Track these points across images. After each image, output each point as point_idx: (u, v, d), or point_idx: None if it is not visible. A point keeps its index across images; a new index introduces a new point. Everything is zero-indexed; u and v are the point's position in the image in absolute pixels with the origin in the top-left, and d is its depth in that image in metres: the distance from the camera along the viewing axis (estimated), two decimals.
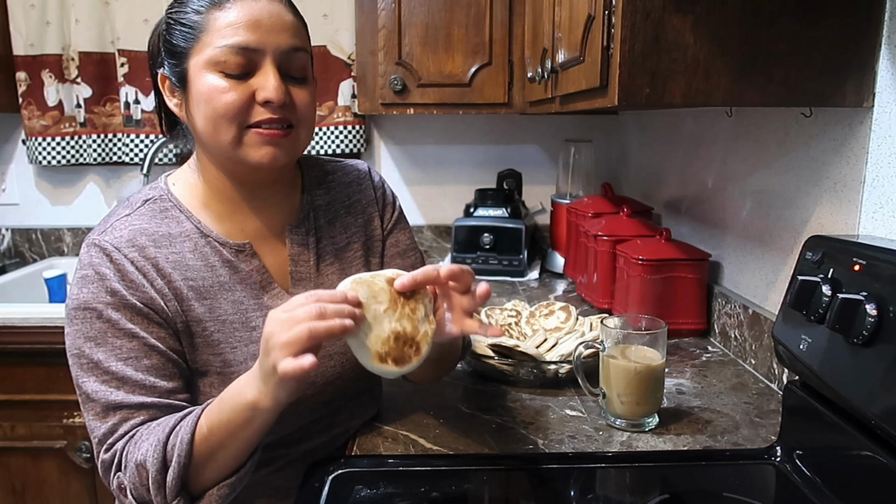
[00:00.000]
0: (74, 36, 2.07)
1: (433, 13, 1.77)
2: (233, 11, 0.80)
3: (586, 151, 2.03)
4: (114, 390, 0.78)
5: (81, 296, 0.81)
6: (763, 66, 0.87)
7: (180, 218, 0.88)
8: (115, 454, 0.77)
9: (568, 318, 1.29)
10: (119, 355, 0.79)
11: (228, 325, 0.86)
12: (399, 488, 0.85)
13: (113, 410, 0.78)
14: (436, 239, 2.25)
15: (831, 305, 0.74)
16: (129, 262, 0.82)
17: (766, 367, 1.16)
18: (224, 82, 0.81)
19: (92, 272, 0.81)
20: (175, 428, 0.75)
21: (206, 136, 0.84)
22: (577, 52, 1.06)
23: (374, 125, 2.23)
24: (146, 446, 0.75)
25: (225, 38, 0.80)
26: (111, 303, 0.80)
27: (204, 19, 0.81)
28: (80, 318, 0.81)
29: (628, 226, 1.53)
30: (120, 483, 0.77)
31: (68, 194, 2.27)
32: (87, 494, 1.73)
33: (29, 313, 1.66)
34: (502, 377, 1.15)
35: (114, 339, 0.79)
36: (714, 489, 0.87)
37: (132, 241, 0.83)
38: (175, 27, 0.83)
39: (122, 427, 0.78)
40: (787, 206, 1.12)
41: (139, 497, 0.76)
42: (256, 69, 0.82)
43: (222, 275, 0.87)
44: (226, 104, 0.80)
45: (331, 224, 0.98)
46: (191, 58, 0.82)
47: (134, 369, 0.79)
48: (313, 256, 0.94)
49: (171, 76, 0.85)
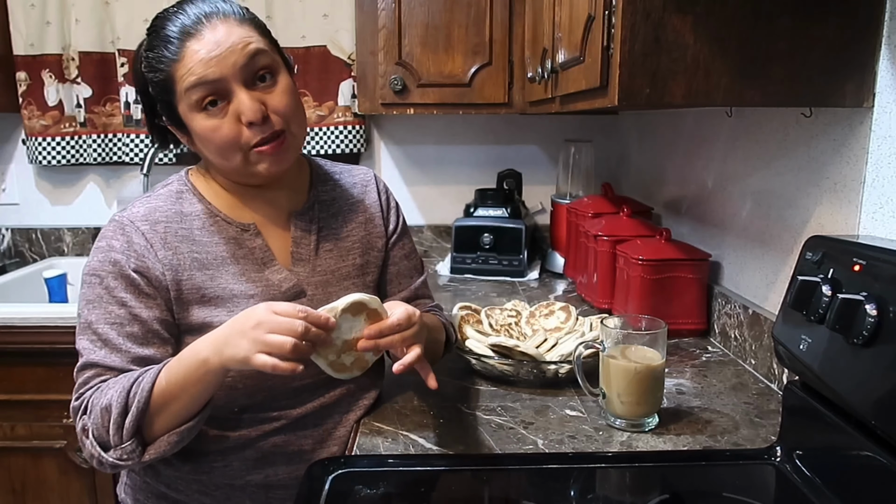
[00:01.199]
0: (74, 36, 2.07)
1: (433, 13, 1.77)
2: (186, 58, 0.88)
3: (586, 151, 2.03)
4: (97, 350, 0.89)
5: (91, 263, 0.92)
6: (763, 66, 0.87)
7: (193, 200, 0.98)
8: (83, 402, 0.88)
9: (568, 318, 1.29)
10: (108, 319, 0.89)
11: (228, 292, 0.95)
12: (399, 488, 0.85)
13: (91, 367, 0.89)
14: (436, 239, 2.25)
15: (831, 305, 0.74)
16: (140, 234, 0.92)
17: (766, 367, 1.16)
18: (212, 120, 0.90)
19: (104, 244, 0.92)
20: (139, 378, 0.85)
21: (218, 163, 0.95)
22: (577, 52, 1.06)
23: (374, 125, 2.23)
24: (111, 392, 0.85)
25: (187, 83, 0.88)
26: (111, 272, 0.90)
27: (170, 70, 0.89)
28: (87, 283, 0.92)
29: (628, 226, 1.53)
30: (84, 425, 0.87)
31: (68, 194, 2.27)
32: (87, 494, 1.73)
33: (29, 313, 1.66)
34: (502, 377, 1.15)
35: (107, 305, 0.90)
36: (714, 489, 0.87)
37: (146, 217, 0.94)
38: (154, 85, 0.92)
39: (93, 381, 0.88)
40: (787, 206, 1.12)
41: (99, 437, 0.86)
42: (229, 93, 0.89)
43: (226, 250, 0.96)
44: (223, 138, 0.90)
45: (333, 217, 1.06)
46: (178, 106, 0.92)
47: (117, 333, 0.89)
48: (314, 241, 1.03)
49: (173, 124, 0.96)
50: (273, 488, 0.99)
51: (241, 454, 0.97)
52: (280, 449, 0.98)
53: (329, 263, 1.03)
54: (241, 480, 0.98)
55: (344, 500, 0.82)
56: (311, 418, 1.00)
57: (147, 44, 0.93)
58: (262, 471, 0.98)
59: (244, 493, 0.98)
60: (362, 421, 1.02)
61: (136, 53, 0.96)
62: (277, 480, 0.98)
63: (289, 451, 0.99)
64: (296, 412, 0.99)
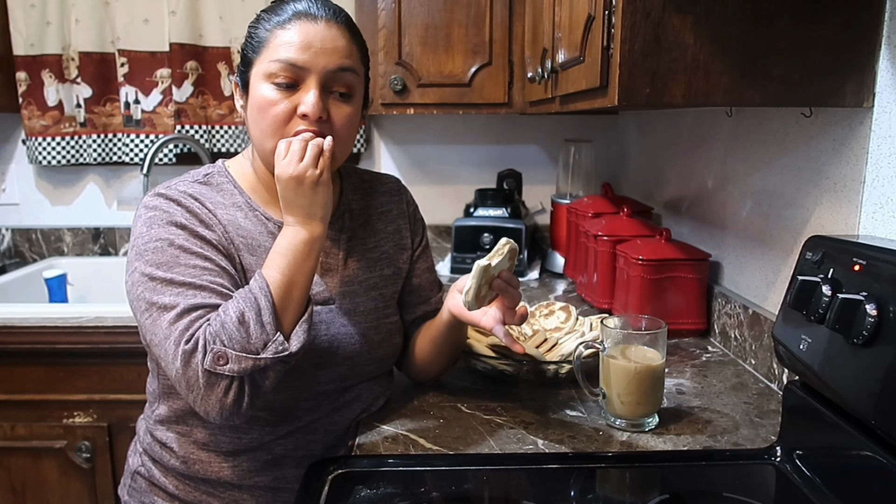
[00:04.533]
0: (74, 36, 2.07)
1: (433, 13, 1.77)
2: (291, 32, 0.91)
3: (586, 151, 2.03)
4: (191, 296, 0.84)
5: (151, 232, 0.89)
6: (763, 66, 0.87)
7: (233, 192, 0.98)
8: (197, 340, 0.81)
9: (568, 318, 1.29)
10: (193, 273, 0.86)
11: None
12: (399, 488, 0.85)
13: (191, 311, 0.83)
14: (436, 239, 2.25)
15: (831, 305, 0.74)
16: (195, 203, 0.93)
17: (766, 367, 1.16)
18: (275, 94, 0.91)
19: (159, 213, 0.90)
20: (245, 289, 0.84)
21: (255, 139, 0.95)
22: (577, 52, 1.06)
23: (374, 125, 2.23)
24: (230, 310, 0.82)
25: (278, 54, 0.90)
26: (182, 234, 0.89)
27: (269, 35, 0.92)
28: (152, 250, 0.88)
29: (628, 226, 1.53)
30: (215, 354, 0.80)
31: (68, 194, 2.27)
32: (87, 494, 1.73)
33: (29, 313, 1.66)
34: (502, 377, 1.15)
35: (187, 260, 0.87)
36: (714, 489, 0.87)
37: (192, 195, 0.94)
38: (250, 39, 0.95)
39: (199, 322, 0.83)
40: (787, 206, 1.12)
41: (242, 348, 0.81)
42: (301, 84, 0.91)
43: (269, 241, 0.95)
44: (275, 116, 0.91)
45: (363, 227, 1.07)
46: (254, 67, 0.93)
47: (209, 282, 0.86)
48: (343, 252, 1.03)
49: (240, 81, 0.97)
50: (280, 491, 0.98)
51: (251, 455, 0.97)
52: (290, 452, 0.98)
53: (357, 274, 1.03)
54: (249, 482, 0.97)
55: (344, 500, 0.82)
56: (322, 423, 1.00)
57: (271, 4, 0.96)
58: (270, 473, 0.97)
59: (252, 495, 0.98)
60: (362, 421, 1.02)
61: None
62: (286, 483, 0.98)
63: (298, 454, 0.98)
64: (310, 416, 0.99)
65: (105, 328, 1.59)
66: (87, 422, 1.68)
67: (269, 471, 0.97)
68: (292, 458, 0.98)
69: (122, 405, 1.66)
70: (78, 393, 1.66)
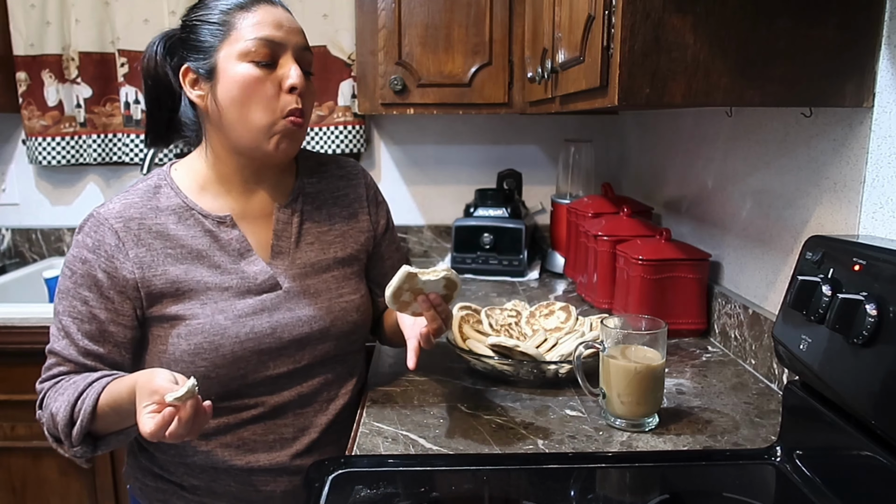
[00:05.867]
0: (74, 36, 2.07)
1: (433, 13, 1.77)
2: (258, 13, 0.95)
3: (586, 151, 2.03)
4: (59, 339, 0.96)
5: (69, 255, 0.97)
6: (763, 66, 0.87)
7: (170, 194, 1.01)
8: (42, 391, 0.96)
9: (568, 318, 1.29)
10: (70, 313, 0.95)
11: (201, 284, 0.97)
12: (399, 488, 0.85)
13: (52, 354, 0.96)
14: (436, 239, 2.25)
15: (831, 305, 0.74)
16: (113, 232, 0.95)
17: (766, 367, 1.16)
18: (256, 71, 0.94)
19: (81, 239, 0.97)
20: (83, 394, 0.90)
21: (236, 119, 0.96)
22: (577, 52, 1.06)
23: (374, 125, 2.23)
24: (60, 402, 0.91)
25: (254, 32, 0.94)
26: (80, 269, 0.95)
27: (232, 18, 0.95)
28: (62, 274, 0.97)
29: (628, 226, 1.53)
30: (40, 417, 0.95)
31: (68, 194, 2.27)
32: (87, 494, 1.73)
33: (29, 313, 1.66)
34: (502, 377, 1.15)
35: (71, 299, 0.95)
36: (714, 489, 0.87)
37: (120, 214, 0.97)
38: (201, 27, 0.96)
39: (53, 370, 0.96)
40: (787, 206, 1.12)
41: (51, 434, 0.94)
42: (279, 60, 0.96)
43: (202, 242, 0.99)
44: (262, 92, 0.94)
45: (318, 210, 1.09)
46: (220, 51, 0.95)
47: (76, 329, 0.95)
48: (295, 234, 1.06)
49: (198, 69, 0.97)
50: (255, 472, 1.02)
51: (221, 440, 1.01)
52: (260, 437, 1.02)
53: (309, 256, 1.06)
54: (223, 465, 1.01)
55: (344, 500, 0.82)
56: (290, 406, 1.03)
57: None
58: (243, 457, 1.01)
59: (228, 476, 1.02)
60: (362, 421, 1.02)
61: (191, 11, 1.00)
62: (259, 466, 1.02)
63: (269, 439, 1.02)
64: (273, 400, 1.02)
65: None
66: None
67: (242, 455, 1.01)
68: (263, 443, 1.02)
69: None
70: None
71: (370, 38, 1.82)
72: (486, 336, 1.19)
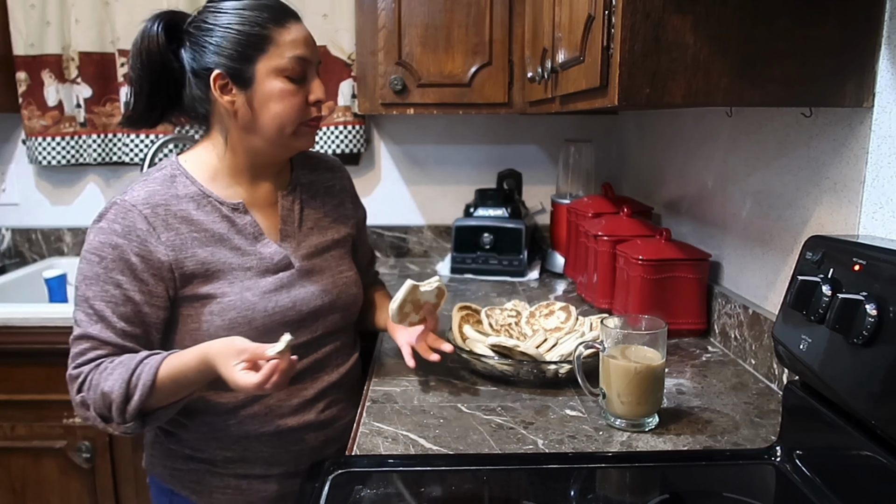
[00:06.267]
0: (74, 36, 2.07)
1: (433, 13, 1.77)
2: (292, 31, 1.04)
3: (586, 151, 2.03)
4: (93, 323, 0.98)
5: (92, 243, 1.00)
6: (763, 66, 0.87)
7: (186, 183, 1.06)
8: (81, 374, 0.98)
9: (568, 318, 1.29)
10: (104, 297, 0.98)
11: (227, 265, 1.05)
12: (399, 488, 0.85)
13: (86, 339, 0.98)
14: (436, 239, 2.25)
15: (831, 305, 0.74)
16: (143, 218, 1.00)
17: (766, 367, 1.16)
18: (291, 86, 1.04)
19: (105, 225, 1.00)
20: (136, 370, 0.95)
21: (266, 125, 1.05)
22: (577, 52, 1.06)
23: (374, 125, 2.23)
24: (112, 380, 0.94)
25: (291, 51, 1.03)
26: (111, 254, 0.98)
27: (271, 34, 1.02)
28: (86, 260, 0.99)
29: (628, 226, 1.53)
30: (84, 400, 0.97)
31: (68, 194, 2.27)
32: (87, 494, 1.73)
33: (29, 313, 1.66)
34: (502, 377, 1.15)
35: (103, 284, 0.98)
36: (714, 489, 0.87)
37: (147, 200, 1.02)
38: (234, 35, 1.02)
39: (89, 354, 0.98)
40: (787, 206, 1.12)
41: (100, 413, 0.97)
42: (307, 76, 1.06)
43: (222, 227, 1.06)
44: (294, 106, 1.05)
45: (312, 198, 1.20)
46: (258, 62, 1.02)
47: (111, 312, 0.98)
48: (298, 219, 1.15)
49: (233, 76, 1.03)
50: (284, 434, 1.10)
51: (250, 409, 1.07)
52: (285, 402, 1.09)
53: (311, 239, 1.16)
54: (254, 432, 1.08)
55: (344, 500, 0.82)
56: (307, 373, 1.12)
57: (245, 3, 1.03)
58: (272, 423, 1.09)
59: (260, 442, 1.09)
60: (362, 421, 1.02)
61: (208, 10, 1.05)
62: (287, 428, 1.09)
63: (293, 403, 1.10)
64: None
65: None
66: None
67: (271, 421, 1.09)
68: (288, 407, 1.10)
69: None
70: None
71: (370, 38, 1.82)
72: (486, 336, 1.19)
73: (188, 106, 1.08)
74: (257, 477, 1.10)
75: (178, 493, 1.12)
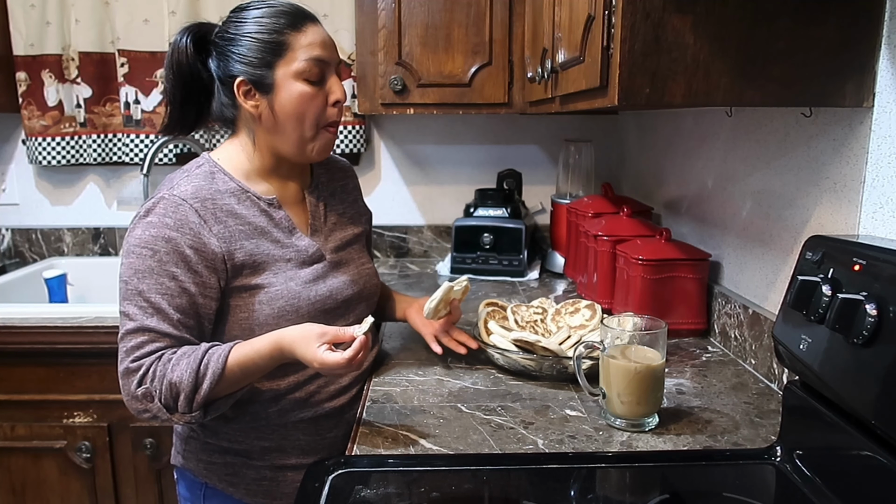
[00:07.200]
0: (74, 36, 2.07)
1: (433, 13, 1.77)
2: (309, 34, 1.06)
3: (586, 151, 2.03)
4: (149, 316, 0.98)
5: (143, 237, 1.00)
6: (763, 65, 0.87)
7: (225, 179, 1.09)
8: (142, 366, 0.97)
9: (593, 315, 1.29)
10: (159, 290, 0.99)
11: (271, 256, 1.08)
12: (399, 488, 0.85)
13: (144, 331, 0.98)
14: (436, 239, 2.25)
15: (831, 305, 0.74)
16: (194, 211, 1.02)
17: (766, 367, 1.16)
18: (311, 89, 1.07)
19: (156, 219, 1.01)
20: (204, 359, 0.96)
21: (289, 130, 1.08)
22: (577, 52, 1.06)
23: (374, 125, 2.23)
24: (179, 370, 0.95)
25: (308, 53, 1.05)
26: (164, 248, 0.99)
27: (288, 39, 1.05)
28: (136, 254, 1.00)
29: (628, 226, 1.53)
30: (148, 391, 0.97)
31: (68, 194, 2.27)
32: (87, 494, 1.73)
33: (29, 313, 1.66)
34: (525, 371, 1.17)
35: (157, 276, 0.99)
36: (714, 489, 0.87)
37: (196, 194, 1.04)
38: (253, 43, 1.05)
39: (149, 346, 0.98)
40: (787, 206, 1.12)
41: (165, 404, 0.97)
42: (326, 77, 1.09)
43: (262, 220, 1.10)
44: (315, 107, 1.08)
45: (331, 196, 1.25)
46: (277, 68, 1.05)
47: (168, 304, 0.99)
48: (323, 214, 1.20)
49: (255, 83, 1.06)
50: (320, 420, 1.13)
51: (292, 397, 1.10)
52: (323, 388, 1.12)
53: (336, 233, 1.21)
54: (294, 419, 1.11)
55: (344, 500, 0.82)
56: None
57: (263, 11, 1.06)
58: (311, 409, 1.12)
59: (297, 430, 1.12)
60: (362, 421, 1.02)
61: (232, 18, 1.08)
62: (324, 413, 1.13)
63: (330, 389, 1.13)
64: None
65: (105, 328, 1.59)
66: (87, 422, 1.68)
67: (310, 407, 1.12)
68: (325, 393, 1.13)
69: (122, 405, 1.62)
70: (78, 393, 1.66)
71: (370, 38, 1.82)
72: (510, 331, 1.21)
73: (217, 112, 1.13)
74: (292, 467, 1.12)
75: (214, 485, 1.13)
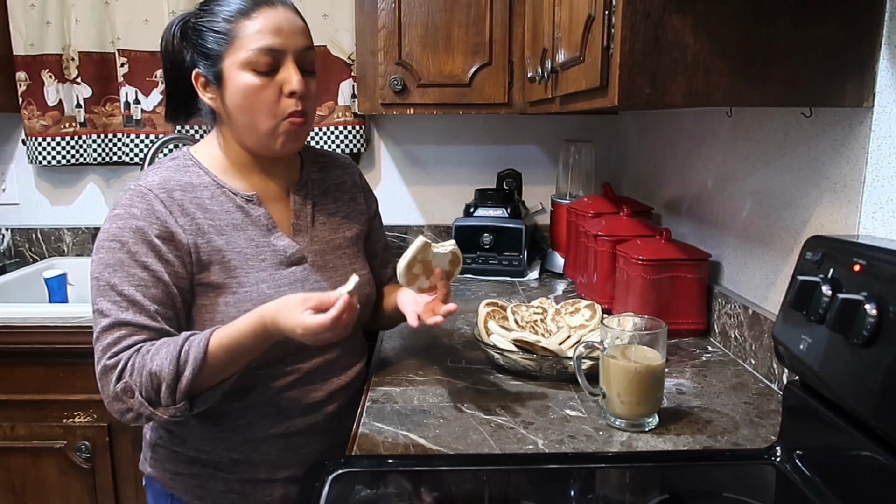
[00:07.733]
0: (74, 36, 2.07)
1: (433, 13, 1.77)
2: (259, 20, 0.99)
3: (586, 151, 2.03)
4: (123, 310, 0.94)
5: (111, 230, 0.97)
6: (763, 66, 0.87)
7: (199, 173, 1.06)
8: (119, 361, 0.93)
9: (593, 315, 1.29)
10: (132, 282, 0.95)
11: (243, 255, 1.04)
12: (399, 488, 0.85)
13: (121, 325, 0.94)
14: (436, 239, 2.25)
15: (831, 305, 0.74)
16: (159, 201, 0.99)
17: (766, 367, 1.16)
18: (257, 80, 0.99)
19: (123, 211, 0.98)
20: (185, 345, 0.92)
21: (243, 124, 1.03)
22: (577, 52, 1.06)
23: (374, 125, 2.23)
24: (159, 359, 0.91)
25: (255, 42, 0.98)
26: (133, 238, 0.96)
27: (234, 27, 0.99)
28: (106, 248, 0.96)
29: (628, 226, 1.53)
30: (127, 386, 0.92)
31: (68, 194, 2.27)
32: (87, 494, 1.73)
33: (29, 313, 1.66)
34: (525, 371, 1.17)
35: (128, 268, 0.95)
36: (714, 489, 0.87)
37: (162, 185, 1.01)
38: (208, 34, 1.00)
39: (126, 340, 0.94)
40: (787, 206, 1.12)
41: (147, 397, 0.92)
42: (280, 66, 1.00)
43: (236, 217, 1.05)
44: (265, 100, 1.00)
45: (323, 195, 1.19)
46: (225, 59, 1.00)
47: (142, 295, 0.95)
48: (310, 213, 1.14)
49: (207, 75, 1.03)
50: (292, 436, 1.09)
51: (261, 410, 1.06)
52: (295, 402, 1.08)
53: (324, 235, 1.15)
54: (263, 433, 1.07)
55: (344, 500, 0.82)
56: (318, 372, 1.10)
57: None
58: (281, 424, 1.08)
59: (267, 445, 1.08)
60: (362, 421, 1.02)
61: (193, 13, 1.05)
62: (296, 430, 1.09)
63: (303, 403, 1.09)
64: (306, 367, 1.09)
65: None
66: (87, 422, 1.68)
67: (280, 422, 1.08)
68: (298, 407, 1.08)
69: None
70: (78, 393, 1.66)
71: (370, 38, 1.82)
72: (510, 331, 1.20)
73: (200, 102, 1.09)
74: (262, 481, 1.08)
75: (179, 497, 1.09)
